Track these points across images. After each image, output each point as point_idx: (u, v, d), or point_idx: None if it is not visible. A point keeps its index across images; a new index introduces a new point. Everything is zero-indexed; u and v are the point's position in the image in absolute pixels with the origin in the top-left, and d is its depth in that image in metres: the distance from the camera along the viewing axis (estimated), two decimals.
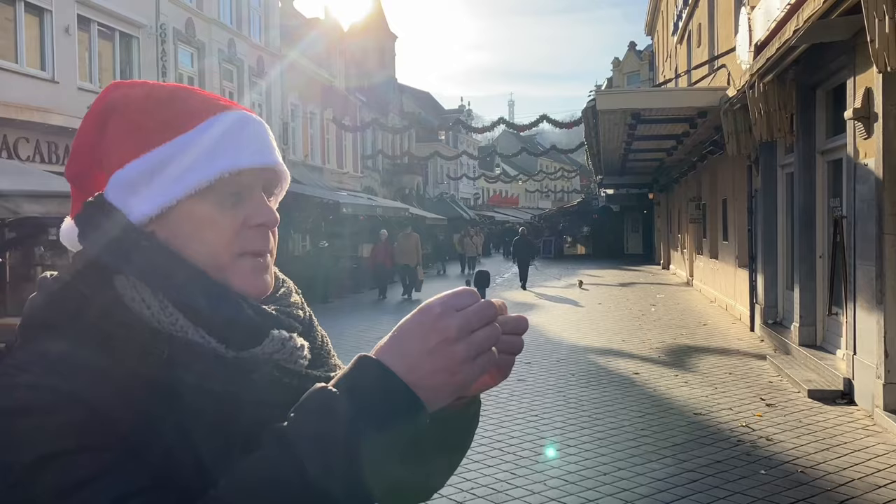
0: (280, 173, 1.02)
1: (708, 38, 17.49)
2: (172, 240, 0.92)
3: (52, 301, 0.89)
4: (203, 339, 0.88)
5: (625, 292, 20.51)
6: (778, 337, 10.57)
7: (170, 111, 0.96)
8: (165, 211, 0.92)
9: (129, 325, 0.86)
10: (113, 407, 0.80)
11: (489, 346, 0.81)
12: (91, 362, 0.82)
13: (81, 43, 15.59)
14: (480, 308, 0.80)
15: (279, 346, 0.93)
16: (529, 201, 76.88)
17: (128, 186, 0.93)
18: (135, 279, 0.89)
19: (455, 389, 0.80)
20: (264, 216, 0.96)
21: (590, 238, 45.53)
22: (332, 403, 0.76)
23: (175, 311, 0.88)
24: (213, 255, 0.93)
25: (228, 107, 1.00)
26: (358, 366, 0.79)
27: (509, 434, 6.73)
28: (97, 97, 1.01)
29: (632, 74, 41.30)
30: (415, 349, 0.79)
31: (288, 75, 25.50)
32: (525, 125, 29.68)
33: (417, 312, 0.81)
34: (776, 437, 6.43)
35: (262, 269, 0.97)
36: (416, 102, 45.30)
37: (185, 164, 0.92)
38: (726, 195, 15.76)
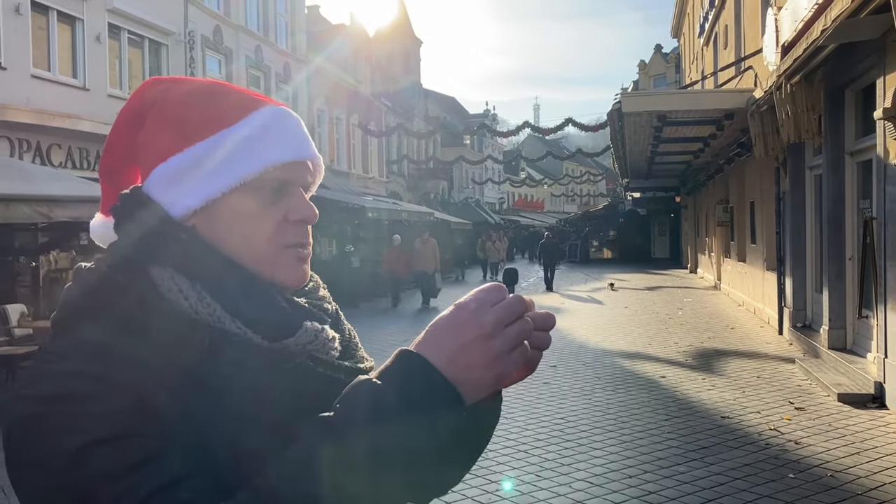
0: (317, 167, 1.05)
1: (735, 40, 17.35)
2: (213, 233, 0.95)
3: (89, 291, 0.91)
4: (240, 330, 0.90)
5: (651, 296, 20.37)
6: (807, 340, 10.45)
7: (211, 107, 0.98)
8: (209, 204, 0.94)
9: (167, 314, 0.88)
10: (154, 395, 0.82)
11: (522, 339, 0.83)
12: (131, 350, 0.84)
13: (112, 51, 15.85)
14: (512, 303, 0.83)
15: (312, 336, 0.95)
16: (555, 205, 76.62)
17: (170, 180, 0.95)
18: (172, 270, 0.90)
19: (491, 383, 0.82)
20: (304, 212, 0.99)
21: (616, 242, 45.22)
22: (378, 395, 0.78)
23: (213, 301, 0.90)
24: (255, 249, 0.96)
25: (267, 102, 1.02)
26: (399, 359, 0.81)
27: (535, 437, 6.72)
28: (134, 93, 1.02)
29: (658, 77, 41.00)
30: (452, 344, 0.81)
31: (314, 81, 25.69)
32: (550, 129, 29.54)
33: (454, 309, 0.83)
34: (805, 441, 6.36)
35: (303, 259, 1.00)
36: (440, 107, 45.36)
37: (228, 158, 0.94)
38: (754, 197, 15.61)
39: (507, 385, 0.92)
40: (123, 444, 0.78)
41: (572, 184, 59.44)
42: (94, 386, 0.81)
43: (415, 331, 0.87)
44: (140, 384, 0.82)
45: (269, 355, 0.91)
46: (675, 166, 23.11)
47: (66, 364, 0.84)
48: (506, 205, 62.23)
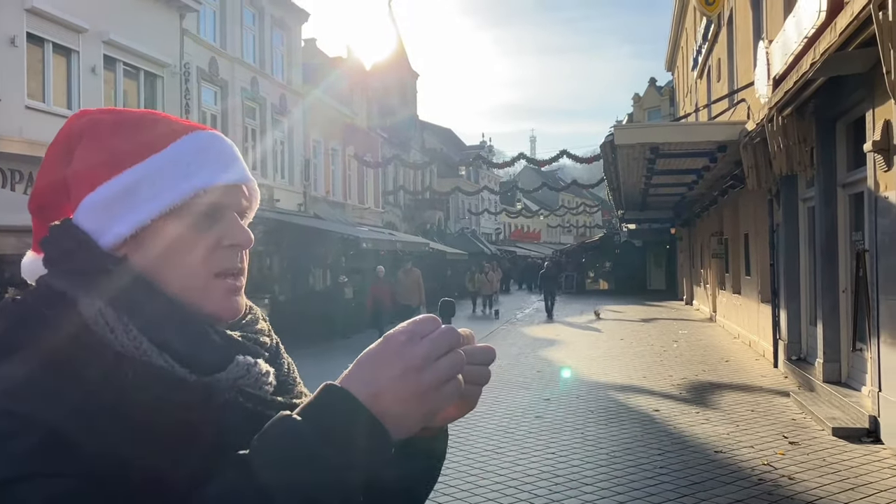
0: (252, 191, 1.02)
1: (727, 73, 17.50)
2: (145, 261, 0.92)
3: (13, 324, 0.88)
4: (167, 364, 0.87)
5: (647, 328, 20.29)
6: (801, 373, 10.37)
7: (139, 134, 0.96)
8: (139, 232, 0.92)
9: (92, 348, 0.85)
10: (74, 431, 0.78)
11: (455, 373, 0.80)
12: (52, 386, 0.81)
13: (107, 82, 15.92)
14: (444, 334, 0.80)
15: (244, 371, 0.92)
16: (551, 236, 76.74)
17: (99, 209, 0.92)
18: (99, 302, 0.87)
19: (421, 418, 0.80)
20: (238, 236, 0.97)
21: (612, 273, 45.22)
22: (295, 431, 0.75)
23: (139, 334, 0.87)
24: (187, 276, 0.93)
25: (198, 128, 1.00)
26: (322, 393, 0.78)
27: (525, 471, 6.62)
28: (62, 127, 1.00)
29: (652, 110, 41.29)
30: (380, 377, 0.78)
31: (310, 113, 25.83)
32: (546, 160, 29.73)
33: (382, 341, 0.81)
34: (799, 476, 6.27)
35: (235, 290, 0.97)
36: (437, 138, 45.63)
37: (158, 183, 0.92)
38: (748, 230, 15.63)
39: (443, 421, 0.90)
40: (38, 484, 0.75)
41: (568, 215, 59.46)
42: (5, 423, 0.77)
43: None
44: (59, 420, 0.79)
45: (197, 390, 0.87)
46: (669, 198, 23.17)
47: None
48: (502, 235, 62.33)
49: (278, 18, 24.15)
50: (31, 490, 0.75)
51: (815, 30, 7.83)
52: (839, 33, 6.50)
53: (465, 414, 0.90)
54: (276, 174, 23.57)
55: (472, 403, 0.89)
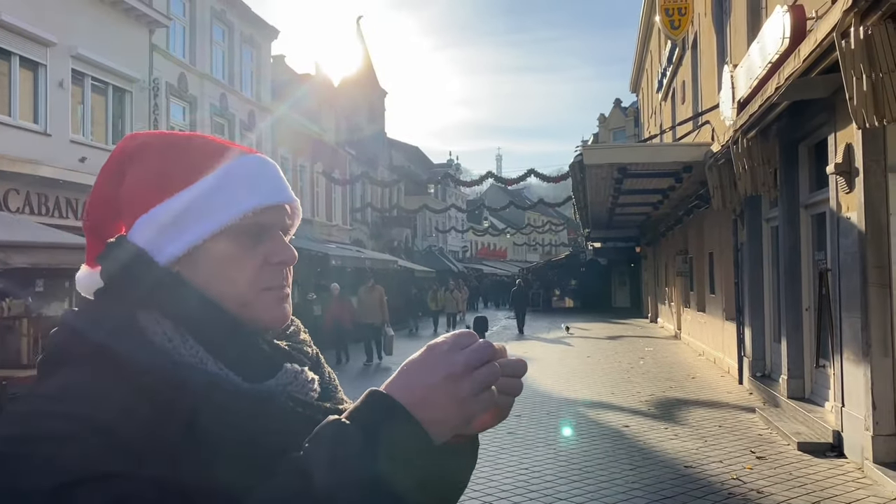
0: (294, 210, 1.08)
1: (692, 96, 17.87)
2: (197, 278, 0.97)
3: (75, 335, 0.93)
4: (222, 371, 0.92)
5: (613, 345, 20.49)
6: (766, 390, 10.59)
7: (189, 157, 1.01)
8: (191, 251, 0.97)
9: (153, 357, 0.89)
10: (135, 436, 0.82)
11: (491, 383, 0.86)
12: (114, 393, 0.85)
13: (75, 97, 15.77)
14: (482, 347, 0.86)
15: (292, 378, 0.97)
16: (517, 254, 77.11)
17: (153, 229, 0.97)
18: (158, 314, 0.93)
19: (458, 424, 0.85)
20: (284, 254, 1.02)
21: (578, 291, 45.56)
22: (344, 435, 0.80)
23: (196, 344, 0.92)
24: (237, 292, 0.98)
25: (244, 151, 1.06)
26: (368, 399, 0.84)
27: (500, 487, 6.67)
28: (114, 150, 1.05)
29: (617, 130, 41.93)
30: (422, 384, 0.84)
31: (278, 129, 25.79)
32: (513, 179, 29.95)
33: (426, 350, 0.87)
34: (767, 490, 6.41)
35: (283, 299, 1.03)
36: (405, 156, 45.73)
37: (209, 205, 0.97)
38: (713, 249, 15.91)
39: (478, 429, 0.94)
40: (100, 486, 0.78)
41: (534, 233, 60.06)
42: (74, 426, 0.81)
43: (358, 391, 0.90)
44: (121, 426, 0.82)
45: (251, 396, 0.92)
46: (635, 217, 23.51)
47: (49, 405, 0.84)
48: (469, 253, 62.51)
49: (248, 35, 24.14)
50: (93, 491, 0.78)
51: (779, 55, 8.09)
52: (803, 59, 6.73)
53: (499, 422, 0.96)
54: None
55: (505, 413, 0.95)
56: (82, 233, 1.08)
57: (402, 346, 19.22)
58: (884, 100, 5.48)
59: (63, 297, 13.30)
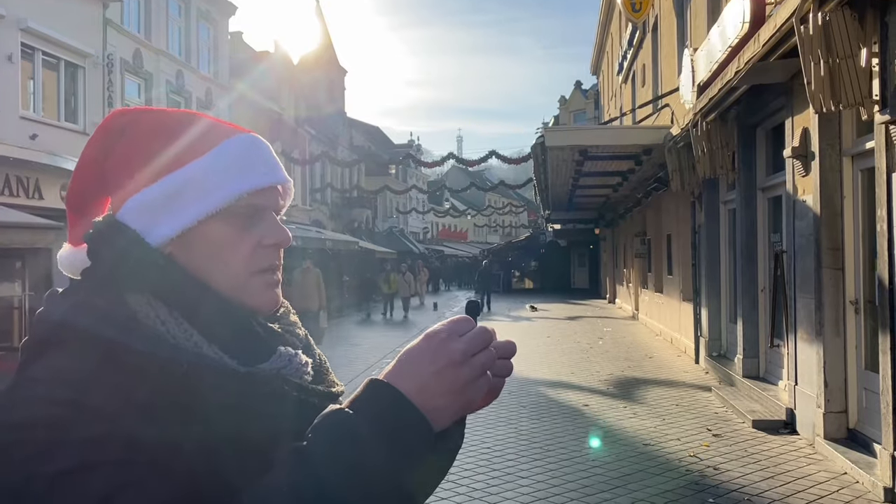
0: (286, 190, 1.07)
1: (652, 79, 18.01)
2: (189, 261, 0.95)
3: (64, 317, 0.90)
4: (216, 355, 0.90)
5: (572, 325, 20.72)
6: (722, 369, 10.81)
7: (182, 137, 0.98)
8: (184, 233, 0.95)
9: (144, 339, 0.87)
10: (131, 421, 0.81)
11: (487, 368, 0.86)
12: (107, 376, 0.83)
13: (25, 71, 15.31)
14: (480, 333, 0.86)
15: (286, 361, 0.96)
16: (478, 235, 77.37)
17: (144, 211, 0.95)
18: (149, 296, 0.91)
19: (458, 410, 0.86)
20: (278, 236, 1.01)
21: (537, 272, 45.94)
22: (348, 425, 0.80)
23: (189, 327, 0.90)
24: (230, 275, 0.97)
25: (236, 130, 1.03)
26: (369, 389, 0.83)
27: (462, 466, 6.71)
28: (100, 124, 1.01)
29: (578, 112, 42.15)
30: (423, 372, 0.83)
31: (237, 107, 25.37)
32: (474, 160, 29.95)
33: (424, 338, 0.86)
34: (723, 467, 6.56)
35: (274, 283, 1.02)
36: (365, 136, 45.45)
37: (201, 187, 0.95)
38: (671, 230, 16.13)
39: (473, 411, 0.95)
40: (94, 472, 0.77)
41: (495, 215, 60.19)
42: (68, 412, 0.79)
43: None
44: (116, 410, 0.81)
45: (245, 380, 0.91)
46: (594, 199, 23.71)
47: (39, 390, 0.82)
48: (430, 234, 62.52)
49: (204, 11, 23.65)
50: (95, 477, 0.77)
51: (739, 39, 8.19)
52: (762, 44, 6.81)
53: (489, 404, 0.97)
54: None
55: (496, 394, 0.96)
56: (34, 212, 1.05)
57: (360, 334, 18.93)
58: (840, 85, 5.58)
59: (14, 277, 12.98)
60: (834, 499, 5.68)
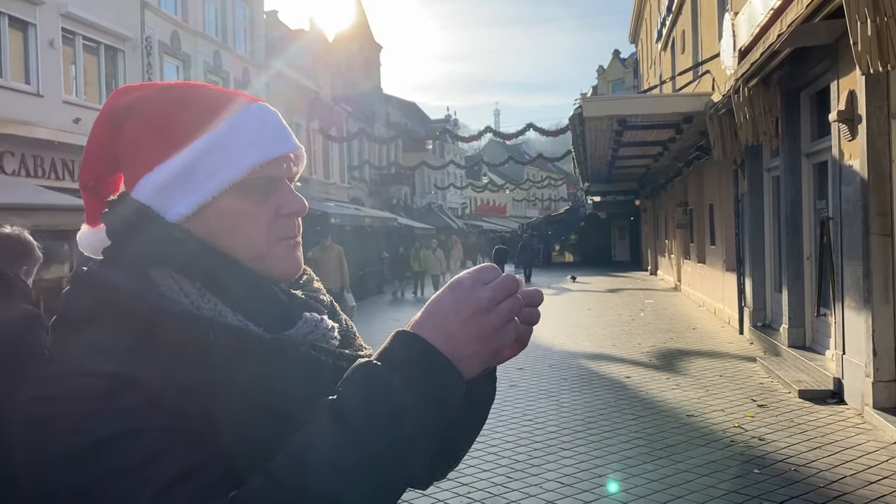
0: (298, 157, 1.05)
1: (692, 45, 17.65)
2: (209, 235, 0.95)
3: (90, 294, 0.91)
4: (241, 323, 0.91)
5: (613, 298, 20.58)
6: (767, 339, 10.65)
7: (191, 111, 0.98)
8: (200, 209, 0.95)
9: (170, 312, 0.88)
10: (162, 390, 0.82)
11: (514, 315, 0.86)
12: (140, 349, 0.85)
13: (66, 56, 15.54)
14: (505, 280, 0.86)
15: (312, 327, 0.96)
16: (517, 210, 77.03)
17: (159, 188, 0.94)
18: (171, 270, 0.91)
19: (487, 357, 0.85)
20: (295, 205, 1.01)
21: (577, 245, 45.69)
22: (378, 376, 0.80)
23: (213, 297, 0.91)
24: (250, 246, 0.97)
25: (244, 99, 1.02)
26: (397, 339, 0.83)
27: (504, 439, 6.74)
28: (105, 104, 1.01)
29: (616, 82, 41.52)
30: (450, 320, 0.83)
31: (274, 86, 25.49)
32: (512, 134, 29.74)
33: (449, 287, 0.86)
34: (768, 437, 6.48)
35: (294, 248, 1.02)
36: (402, 112, 45.35)
37: (215, 162, 0.95)
38: (713, 200, 15.87)
39: (501, 360, 0.95)
40: (133, 440, 0.79)
41: (533, 188, 59.83)
42: (101, 383, 0.81)
43: None
44: (147, 380, 0.82)
45: (273, 346, 0.91)
46: (634, 170, 23.41)
47: (77, 363, 0.84)
48: (468, 209, 62.40)
49: None
50: (132, 445, 0.79)
51: (782, 1, 7.94)
52: (805, 5, 6.60)
53: (518, 353, 0.97)
54: None
55: (524, 342, 0.95)
56: (79, 195, 1.05)
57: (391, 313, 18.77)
58: (888, 44, 5.40)
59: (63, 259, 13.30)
60: (883, 468, 5.57)
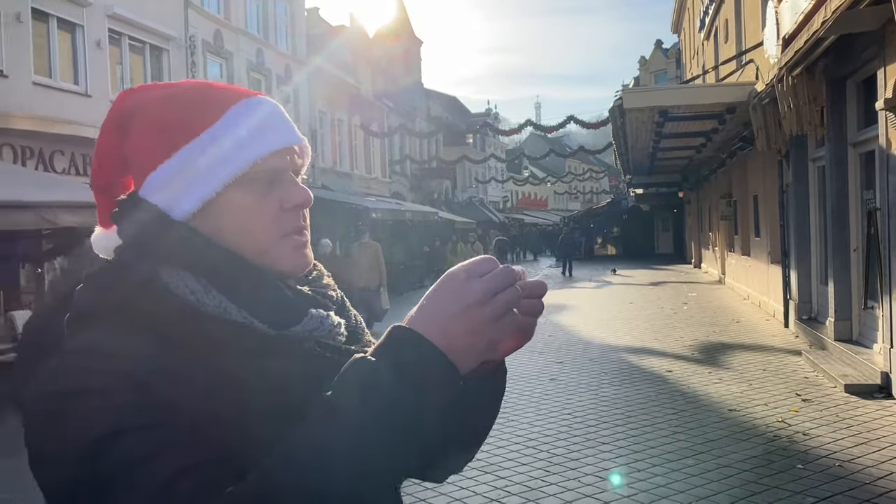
0: (303, 149, 1.06)
1: (735, 34, 17.33)
2: (215, 231, 0.96)
3: (99, 293, 0.94)
4: (246, 320, 0.92)
5: (656, 291, 20.36)
6: (813, 332, 10.45)
7: (191, 108, 0.99)
8: (206, 204, 0.96)
9: (176, 309, 0.91)
10: (167, 386, 0.84)
11: (512, 307, 0.85)
12: (143, 346, 0.87)
13: (113, 56, 15.88)
14: (502, 273, 0.85)
15: (318, 323, 0.98)
16: (559, 203, 76.58)
17: (163, 186, 0.96)
18: (178, 267, 0.93)
19: (483, 350, 0.84)
20: (299, 197, 1.01)
21: (619, 238, 45.27)
22: (371, 371, 0.80)
23: (218, 294, 0.92)
24: (256, 240, 0.98)
25: (244, 94, 1.03)
26: (391, 334, 0.83)
27: (543, 432, 6.73)
28: (112, 106, 1.04)
29: (659, 73, 40.94)
30: (443, 314, 0.83)
31: (315, 82, 25.71)
32: (552, 126, 29.56)
33: (443, 280, 0.86)
34: (813, 432, 6.37)
35: (302, 245, 1.02)
36: (442, 107, 45.32)
37: (216, 157, 0.96)
38: (757, 191, 15.60)
39: (504, 353, 0.95)
40: (139, 435, 0.80)
41: (575, 181, 59.34)
42: (109, 380, 0.83)
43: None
44: (153, 376, 0.84)
45: (277, 342, 0.93)
46: (677, 162, 23.08)
47: (82, 360, 0.86)
48: (510, 203, 62.21)
49: None
50: (130, 441, 0.80)
51: None
52: None
53: (523, 345, 0.96)
54: None
55: (528, 334, 0.95)
56: None
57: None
58: None
59: None
60: None
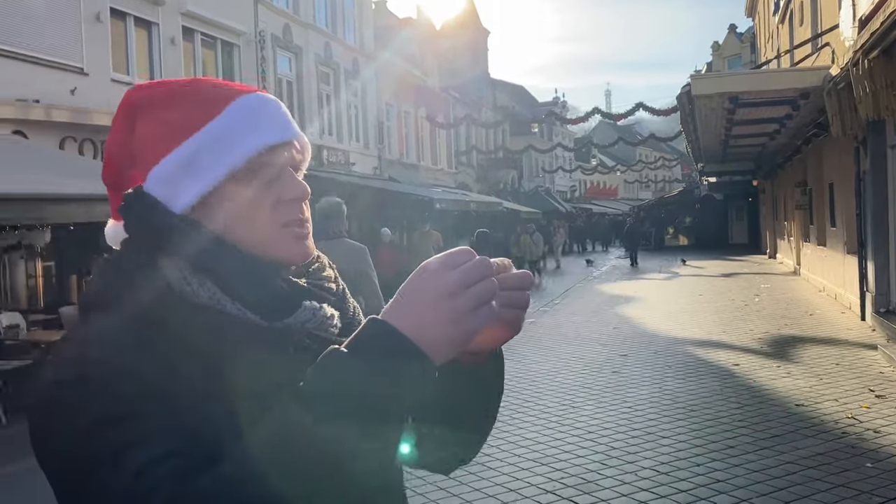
0: (303, 145, 1.09)
1: (811, 16, 16.73)
2: (215, 224, 1.00)
3: (104, 283, 0.99)
4: (239, 311, 0.96)
5: (727, 283, 19.89)
6: (890, 326, 10.05)
7: (192, 104, 1.03)
8: (205, 198, 1.00)
9: (173, 301, 0.94)
10: (160, 377, 0.88)
11: (488, 298, 0.85)
12: (139, 338, 0.91)
13: (186, 52, 16.34)
14: (475, 265, 0.85)
15: (310, 315, 1.00)
16: (629, 192, 75.37)
17: (165, 181, 1.00)
18: (177, 259, 0.97)
19: (458, 341, 0.84)
20: (296, 190, 1.04)
21: (692, 228, 44.29)
22: (343, 363, 0.81)
23: (213, 286, 0.96)
24: (255, 233, 1.01)
25: (245, 91, 1.07)
26: (366, 327, 0.84)
27: (601, 425, 6.68)
28: (121, 103, 1.08)
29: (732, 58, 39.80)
30: (417, 305, 0.84)
31: (382, 75, 25.92)
32: (621, 114, 29.13)
33: (417, 272, 0.87)
34: (885, 430, 6.15)
35: (303, 236, 1.05)
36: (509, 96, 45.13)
37: (215, 151, 1.00)
38: (833, 179, 15.07)
39: (490, 344, 0.96)
40: (126, 423, 0.84)
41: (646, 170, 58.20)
42: (103, 371, 0.87)
43: None
44: (142, 367, 0.88)
45: (269, 334, 0.96)
46: (750, 149, 22.44)
47: (76, 351, 0.91)
48: (577, 193, 61.55)
49: None
50: (121, 430, 0.84)
51: None
52: None
53: (511, 337, 0.97)
54: (350, 138, 23.82)
55: (516, 327, 0.95)
56: None
57: None
58: None
59: None
60: None
